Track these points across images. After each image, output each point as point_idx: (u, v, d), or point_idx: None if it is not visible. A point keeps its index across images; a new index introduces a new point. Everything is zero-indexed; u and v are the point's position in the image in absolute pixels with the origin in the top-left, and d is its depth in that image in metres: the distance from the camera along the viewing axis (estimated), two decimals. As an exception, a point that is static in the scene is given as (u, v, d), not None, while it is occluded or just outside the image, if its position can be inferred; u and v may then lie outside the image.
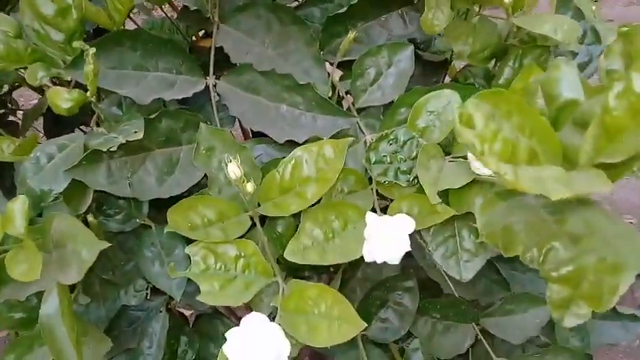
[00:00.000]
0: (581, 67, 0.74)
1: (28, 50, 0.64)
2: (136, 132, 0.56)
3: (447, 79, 0.85)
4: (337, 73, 0.74)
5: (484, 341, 0.69)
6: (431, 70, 0.82)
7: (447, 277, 0.73)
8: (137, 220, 0.67)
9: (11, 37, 0.64)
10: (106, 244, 0.55)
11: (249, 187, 0.53)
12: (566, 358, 0.66)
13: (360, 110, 0.69)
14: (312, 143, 0.56)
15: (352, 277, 0.69)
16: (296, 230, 0.60)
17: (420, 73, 0.77)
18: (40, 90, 0.88)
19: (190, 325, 0.80)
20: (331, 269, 0.70)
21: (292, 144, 0.65)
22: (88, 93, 0.57)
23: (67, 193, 0.60)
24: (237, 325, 0.46)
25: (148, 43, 0.66)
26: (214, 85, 0.69)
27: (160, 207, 0.69)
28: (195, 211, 0.54)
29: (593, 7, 0.73)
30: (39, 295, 0.67)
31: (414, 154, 0.55)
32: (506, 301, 0.71)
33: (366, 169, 0.62)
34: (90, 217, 0.62)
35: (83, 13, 0.64)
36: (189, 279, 0.65)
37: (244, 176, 0.52)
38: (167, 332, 0.70)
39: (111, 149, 0.55)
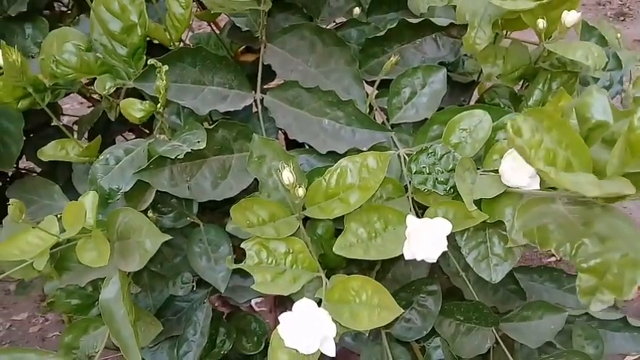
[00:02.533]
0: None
1: (98, 63, 0.70)
2: (199, 142, 0.62)
3: (474, 100, 0.91)
4: (371, 91, 0.80)
5: (502, 344, 0.74)
6: (459, 90, 0.88)
7: (469, 284, 0.79)
8: (188, 219, 0.73)
9: (83, 51, 0.70)
10: (167, 237, 0.61)
11: (301, 191, 0.59)
12: (580, 362, 0.71)
13: (393, 126, 0.76)
14: (357, 155, 0.62)
15: (383, 278, 0.74)
16: (334, 233, 0.66)
17: (449, 93, 0.83)
18: (88, 98, 0.95)
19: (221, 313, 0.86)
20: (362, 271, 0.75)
21: (333, 155, 0.71)
22: (159, 105, 0.63)
23: (129, 192, 0.67)
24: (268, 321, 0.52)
25: (206, 60, 0.72)
26: (262, 100, 0.76)
27: (207, 208, 0.76)
28: (251, 211, 0.60)
29: (618, 35, 0.79)
30: (93, 283, 0.74)
31: (450, 166, 0.61)
32: (524, 308, 0.76)
33: (402, 179, 0.69)
34: (150, 214, 0.68)
35: (146, 31, 0.71)
36: (232, 274, 0.72)
37: (296, 182, 0.58)
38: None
39: (178, 156, 0.61)
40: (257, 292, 0.63)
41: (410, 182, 0.65)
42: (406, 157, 0.71)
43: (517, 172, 0.57)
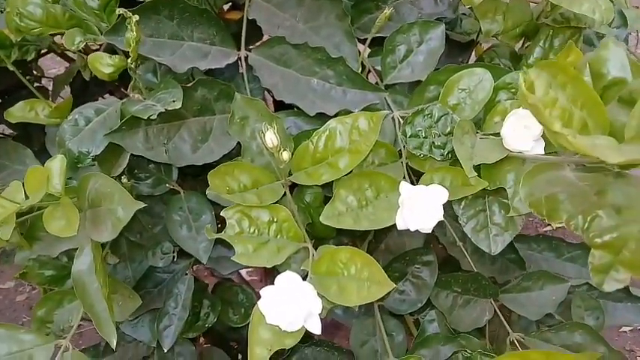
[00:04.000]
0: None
1: (66, 16, 0.65)
2: (174, 101, 0.57)
3: (472, 62, 0.86)
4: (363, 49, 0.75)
5: (501, 316, 0.71)
6: (457, 50, 0.83)
7: (466, 254, 0.75)
8: (167, 185, 0.68)
9: (49, 3, 0.64)
10: (141, 204, 0.56)
11: (285, 155, 0.55)
12: (581, 334, 0.67)
13: (387, 87, 0.71)
14: (347, 115, 0.57)
15: (376, 249, 0.70)
16: (323, 201, 0.62)
17: (447, 53, 0.77)
18: (66, 57, 0.90)
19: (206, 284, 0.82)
20: (353, 241, 0.71)
21: (322, 117, 0.66)
22: (129, 60, 0.58)
23: (101, 156, 0.62)
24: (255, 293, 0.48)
25: (185, 12, 0.66)
26: (246, 58, 0.70)
27: (188, 174, 0.71)
28: (231, 176, 0.55)
29: (625, -6, 0.74)
30: (68, 253, 0.70)
31: (448, 129, 0.56)
32: (524, 279, 0.72)
33: (396, 143, 0.64)
34: (124, 179, 0.63)
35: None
36: (216, 244, 0.68)
37: (280, 145, 0.54)
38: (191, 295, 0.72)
39: (151, 117, 0.56)
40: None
41: (404, 147, 0.61)
42: (400, 119, 0.67)
43: (520, 135, 0.52)
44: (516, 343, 0.69)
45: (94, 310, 0.59)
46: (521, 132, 0.52)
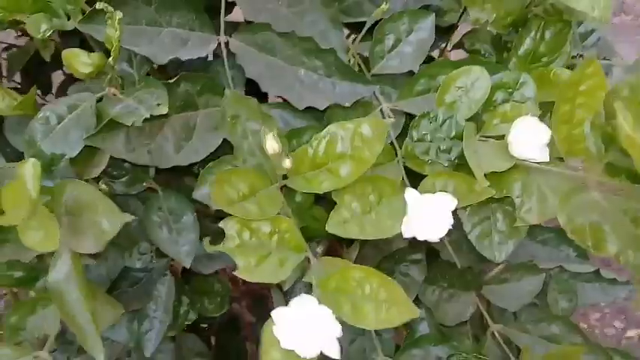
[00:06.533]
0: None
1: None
2: (159, 105, 0.52)
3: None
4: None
5: (481, 307, 0.72)
6: (437, 35, 0.81)
7: (447, 244, 0.75)
8: (144, 184, 0.64)
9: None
10: (129, 217, 0.52)
11: (288, 163, 0.52)
12: (559, 325, 0.69)
13: (374, 76, 0.68)
14: (349, 121, 0.54)
15: (365, 245, 0.69)
16: (314, 201, 0.59)
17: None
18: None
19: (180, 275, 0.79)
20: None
21: (311, 111, 0.63)
22: (110, 59, 0.52)
23: (75, 157, 0.57)
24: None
25: (164, -6, 0.61)
26: (226, 44, 0.66)
27: (166, 170, 0.67)
28: (229, 183, 0.51)
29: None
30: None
31: (453, 133, 0.55)
32: (503, 271, 0.74)
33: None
34: (102, 185, 0.59)
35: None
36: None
37: (282, 151, 0.51)
38: (172, 295, 0.69)
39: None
40: (224, 262, 0.56)
41: (400, 147, 0.59)
42: (390, 113, 0.65)
43: (528, 142, 0.51)
44: (497, 334, 0.71)
45: (75, 322, 0.55)
46: (528, 139, 0.51)
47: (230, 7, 0.67)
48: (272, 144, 0.51)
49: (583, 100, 0.48)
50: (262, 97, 0.66)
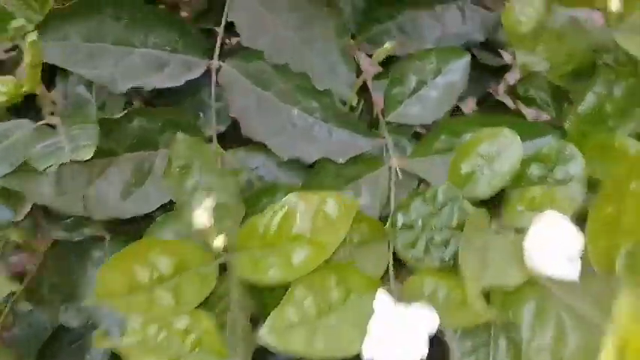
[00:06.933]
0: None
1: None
2: (85, 146, 0.42)
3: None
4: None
5: None
6: (487, 74, 0.66)
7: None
8: (88, 230, 0.54)
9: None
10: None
11: (219, 241, 0.40)
12: None
13: (389, 124, 0.56)
14: (314, 192, 0.42)
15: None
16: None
17: (472, 79, 0.61)
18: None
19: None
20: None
21: (299, 163, 0.52)
22: (26, 88, 0.43)
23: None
24: None
25: (137, 11, 0.52)
26: (217, 70, 0.55)
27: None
28: (144, 260, 0.40)
29: None
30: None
31: (455, 221, 0.41)
32: None
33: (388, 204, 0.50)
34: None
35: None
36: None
37: (215, 226, 0.39)
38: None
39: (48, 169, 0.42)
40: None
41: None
42: (399, 172, 0.52)
43: (550, 251, 0.37)
44: None
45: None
46: (551, 246, 0.37)
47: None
48: (201, 215, 0.39)
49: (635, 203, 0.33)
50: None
